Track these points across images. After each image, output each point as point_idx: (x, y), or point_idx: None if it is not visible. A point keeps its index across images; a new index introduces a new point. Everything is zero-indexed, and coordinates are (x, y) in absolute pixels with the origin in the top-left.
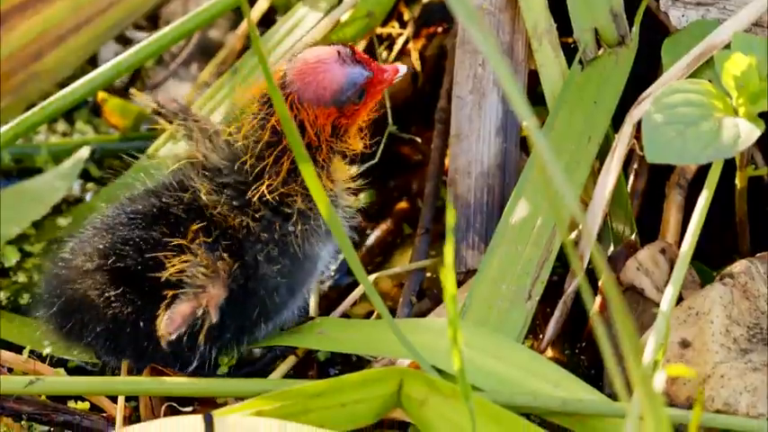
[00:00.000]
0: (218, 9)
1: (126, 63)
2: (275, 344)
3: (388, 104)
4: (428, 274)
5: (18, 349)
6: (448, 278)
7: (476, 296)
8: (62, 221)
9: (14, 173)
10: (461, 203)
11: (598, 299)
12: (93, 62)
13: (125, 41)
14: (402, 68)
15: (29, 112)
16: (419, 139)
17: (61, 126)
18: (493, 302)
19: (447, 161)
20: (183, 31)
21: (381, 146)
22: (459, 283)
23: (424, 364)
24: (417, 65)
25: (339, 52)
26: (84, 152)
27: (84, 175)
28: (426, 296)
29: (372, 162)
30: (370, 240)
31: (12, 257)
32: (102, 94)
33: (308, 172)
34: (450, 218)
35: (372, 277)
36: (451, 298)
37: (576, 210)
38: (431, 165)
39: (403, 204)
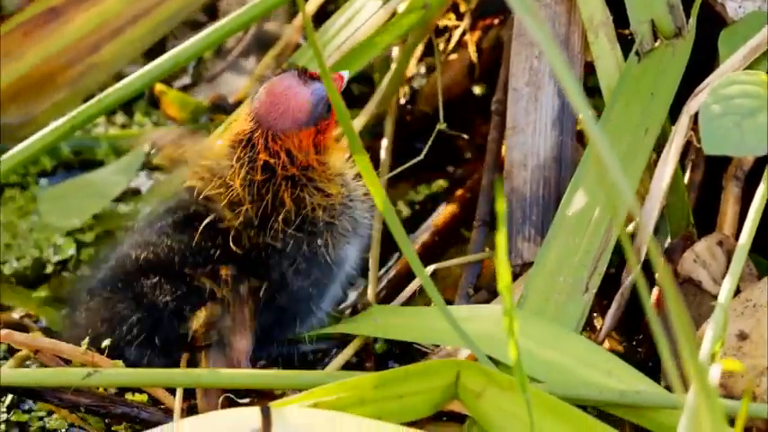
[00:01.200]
0: (275, 1)
1: (184, 55)
2: (331, 332)
3: (440, 100)
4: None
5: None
6: (502, 268)
7: (533, 288)
8: (121, 210)
9: (75, 165)
10: (517, 196)
11: (655, 291)
12: (150, 54)
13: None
14: (345, 74)
15: (86, 105)
16: (466, 136)
17: (120, 118)
18: (550, 295)
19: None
20: (239, 24)
21: (430, 142)
22: (516, 276)
23: (480, 356)
24: (474, 57)
25: (297, 74)
26: (146, 146)
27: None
28: (483, 288)
29: (419, 158)
30: (426, 233)
31: (68, 249)
32: (160, 86)
33: (362, 162)
34: (501, 208)
35: (430, 269)
36: (506, 288)
37: (632, 203)
38: (487, 157)
39: (458, 197)
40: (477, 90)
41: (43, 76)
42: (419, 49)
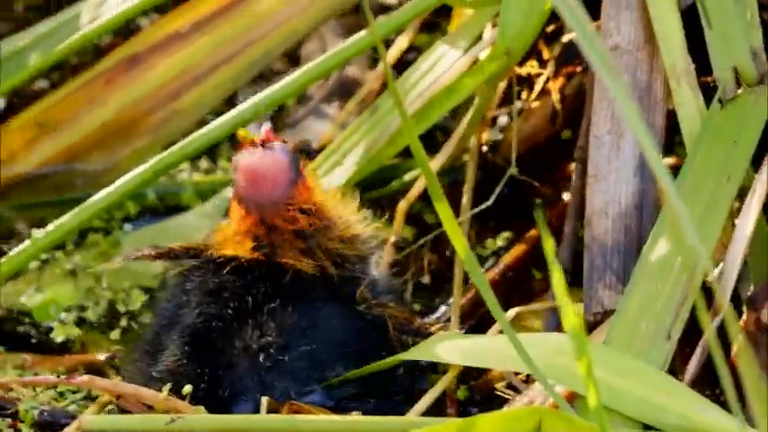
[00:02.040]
0: (355, 49)
1: (265, 101)
2: (406, 358)
3: (514, 146)
4: None
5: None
6: (566, 313)
7: (615, 336)
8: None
9: (160, 210)
10: (598, 244)
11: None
12: (231, 101)
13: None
14: (266, 125)
15: (168, 151)
16: (537, 184)
17: (204, 163)
18: (632, 342)
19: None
20: (321, 71)
21: (499, 187)
22: (597, 324)
23: (562, 404)
24: (557, 104)
25: (257, 145)
26: (229, 192)
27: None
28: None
29: (487, 204)
30: (495, 271)
31: (138, 301)
32: (242, 132)
33: (442, 208)
34: (549, 248)
35: (512, 312)
36: (577, 330)
37: (707, 263)
38: (570, 204)
39: (530, 238)
40: (560, 137)
41: (126, 123)
42: (500, 96)
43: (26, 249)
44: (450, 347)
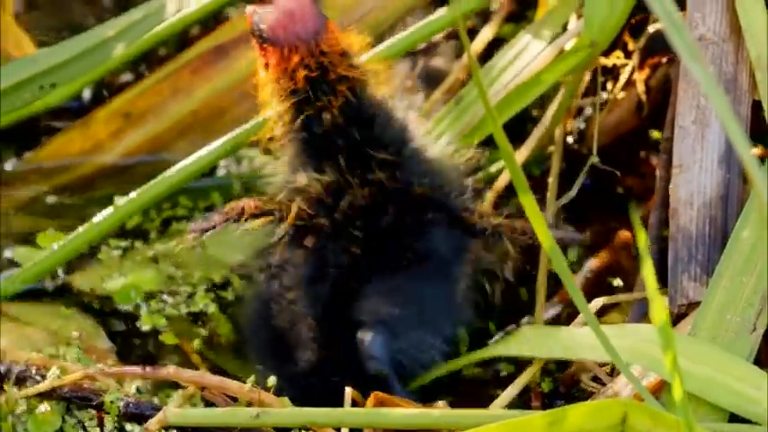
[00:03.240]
0: (438, 25)
1: None
2: (486, 355)
3: (595, 136)
4: None
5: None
6: (655, 306)
7: (699, 327)
8: None
9: None
10: (683, 235)
11: None
12: None
13: None
14: None
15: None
16: (618, 173)
17: None
18: (717, 333)
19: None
20: (402, 46)
21: (581, 177)
22: (682, 316)
23: (647, 396)
24: (642, 95)
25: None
26: None
27: None
28: None
29: (571, 195)
30: (588, 269)
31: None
32: None
33: (527, 201)
34: (642, 241)
35: (598, 302)
36: (664, 321)
37: None
38: (655, 195)
39: (622, 235)
40: (644, 128)
41: (211, 113)
42: (585, 87)
43: (102, 223)
44: (534, 340)
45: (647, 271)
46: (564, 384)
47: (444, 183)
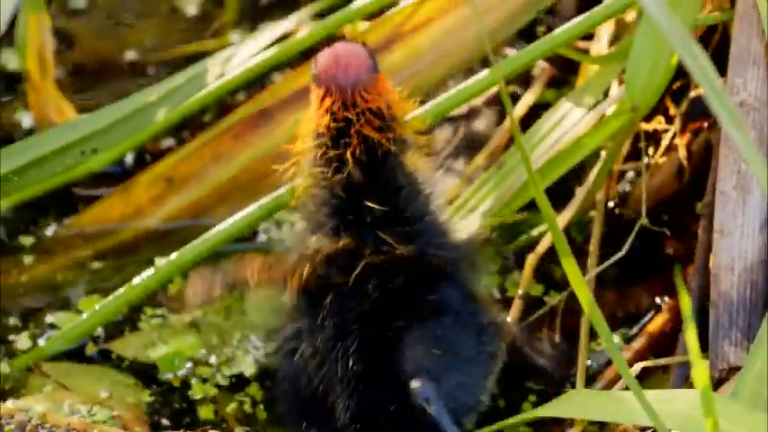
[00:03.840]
0: (479, 87)
1: None
2: (530, 417)
3: (643, 198)
4: None
5: None
6: (697, 371)
7: (740, 392)
8: None
9: None
10: (724, 300)
11: None
12: None
13: None
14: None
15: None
16: (668, 232)
17: None
18: (758, 398)
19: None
20: (443, 108)
21: (631, 237)
22: (723, 381)
23: None
24: (684, 160)
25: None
26: None
27: None
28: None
29: (620, 254)
30: (641, 340)
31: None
32: None
33: (568, 264)
34: (686, 305)
35: (637, 367)
36: (705, 388)
37: None
38: (696, 260)
39: (670, 299)
40: (686, 193)
41: (253, 178)
42: (626, 151)
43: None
44: (577, 403)
45: (690, 335)
46: None
47: (459, 258)
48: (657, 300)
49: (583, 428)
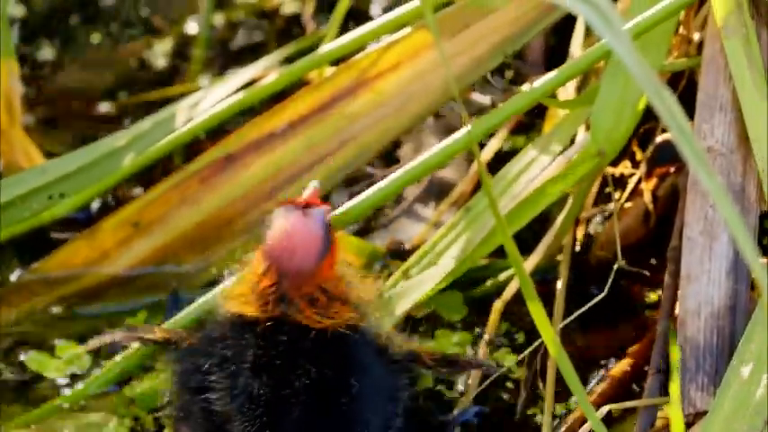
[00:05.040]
0: (452, 150)
1: (363, 205)
2: None
3: (617, 242)
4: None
5: None
6: (674, 416)
7: None
8: None
9: None
10: (691, 345)
11: None
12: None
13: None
14: (313, 183)
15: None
16: (648, 273)
17: None
18: None
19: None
20: (416, 174)
21: (609, 281)
22: (689, 425)
23: None
24: (650, 205)
25: (298, 206)
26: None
27: None
28: None
29: (602, 295)
30: (603, 383)
31: None
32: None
33: (535, 309)
34: (675, 355)
35: (603, 410)
36: None
37: None
38: (662, 304)
39: (636, 343)
40: (652, 238)
41: (220, 223)
42: (593, 196)
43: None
44: None
45: (673, 384)
46: None
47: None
48: (622, 344)
49: None
